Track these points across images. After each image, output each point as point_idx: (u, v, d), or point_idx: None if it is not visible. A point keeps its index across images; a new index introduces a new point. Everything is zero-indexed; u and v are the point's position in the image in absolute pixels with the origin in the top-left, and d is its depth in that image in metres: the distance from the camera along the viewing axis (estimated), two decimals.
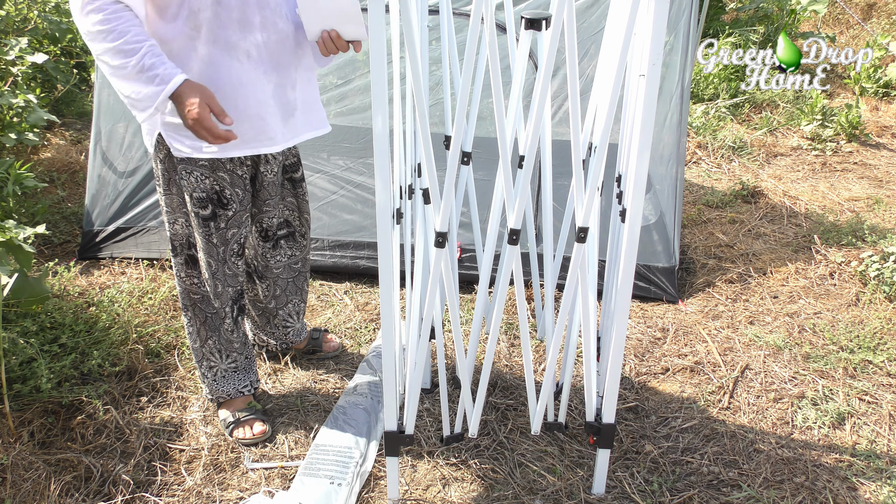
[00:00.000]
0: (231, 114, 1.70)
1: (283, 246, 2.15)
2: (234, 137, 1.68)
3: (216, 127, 1.64)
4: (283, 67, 1.82)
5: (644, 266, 2.84)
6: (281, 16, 1.77)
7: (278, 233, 2.12)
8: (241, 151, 1.82)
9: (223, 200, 1.88)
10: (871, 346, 2.51)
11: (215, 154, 1.80)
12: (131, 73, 1.58)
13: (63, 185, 3.51)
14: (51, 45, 4.08)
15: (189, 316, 2.05)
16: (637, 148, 1.51)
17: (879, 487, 1.95)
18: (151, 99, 1.59)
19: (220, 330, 2.06)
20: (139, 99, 1.60)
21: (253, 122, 1.80)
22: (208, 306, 2.02)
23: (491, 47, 1.50)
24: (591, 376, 1.82)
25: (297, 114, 1.89)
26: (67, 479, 1.89)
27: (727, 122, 4.65)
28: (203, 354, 2.08)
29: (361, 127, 3.11)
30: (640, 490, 1.94)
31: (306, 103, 1.92)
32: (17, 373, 2.11)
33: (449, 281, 1.67)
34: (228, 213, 1.90)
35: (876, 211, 3.60)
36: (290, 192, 2.09)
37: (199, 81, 1.69)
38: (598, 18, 2.96)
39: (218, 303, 2.01)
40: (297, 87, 1.87)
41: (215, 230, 1.90)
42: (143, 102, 1.61)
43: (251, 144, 1.83)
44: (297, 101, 1.88)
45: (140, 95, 1.60)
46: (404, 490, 1.94)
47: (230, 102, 1.74)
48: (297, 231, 2.16)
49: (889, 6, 6.62)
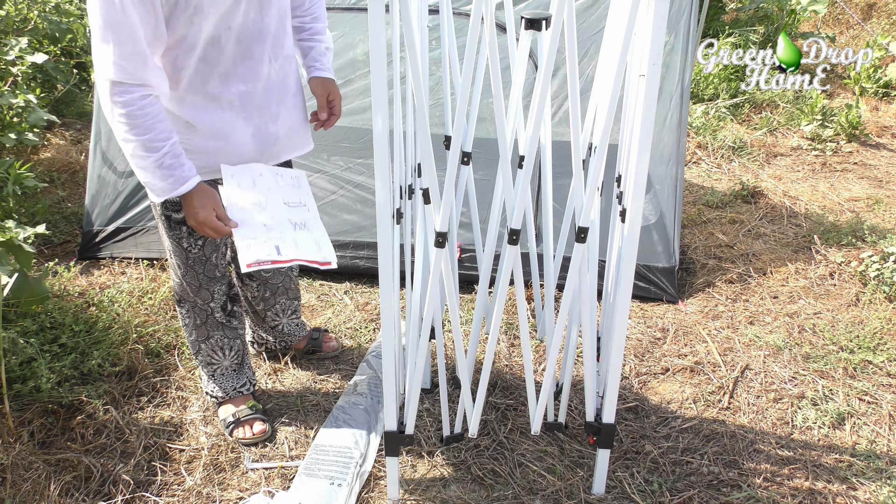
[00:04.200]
0: (208, 149, 1.76)
1: None
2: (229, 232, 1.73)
3: (221, 227, 1.71)
4: (266, 107, 1.83)
5: (644, 266, 2.84)
6: (265, 62, 1.77)
7: None
8: (216, 176, 1.83)
9: None
10: (871, 346, 2.51)
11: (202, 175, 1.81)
12: (150, 167, 1.62)
13: (63, 185, 3.51)
14: (51, 45, 4.08)
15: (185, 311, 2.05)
16: (637, 148, 1.51)
17: (879, 487, 1.95)
18: (164, 192, 1.66)
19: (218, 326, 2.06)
20: (153, 188, 1.66)
21: (230, 159, 1.82)
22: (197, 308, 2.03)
23: (491, 47, 1.50)
24: (591, 376, 1.82)
25: (279, 143, 1.91)
26: (67, 479, 1.89)
27: (727, 122, 4.65)
28: (200, 349, 2.08)
29: (361, 127, 3.11)
30: (640, 490, 1.94)
31: (290, 129, 1.92)
32: (17, 373, 2.11)
33: (449, 281, 1.67)
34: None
35: (876, 211, 3.60)
36: None
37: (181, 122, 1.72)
38: (598, 18, 2.96)
39: (200, 299, 2.01)
40: (280, 119, 1.87)
41: (188, 234, 1.89)
42: (156, 191, 1.67)
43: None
44: (280, 132, 1.89)
45: (155, 186, 1.66)
46: (404, 490, 1.94)
47: (209, 142, 1.77)
48: None
49: (889, 6, 6.62)
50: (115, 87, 1.53)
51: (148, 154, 1.60)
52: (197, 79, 1.68)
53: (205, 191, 1.70)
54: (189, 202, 1.69)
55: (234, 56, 1.70)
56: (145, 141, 1.58)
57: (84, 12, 4.52)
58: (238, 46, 1.69)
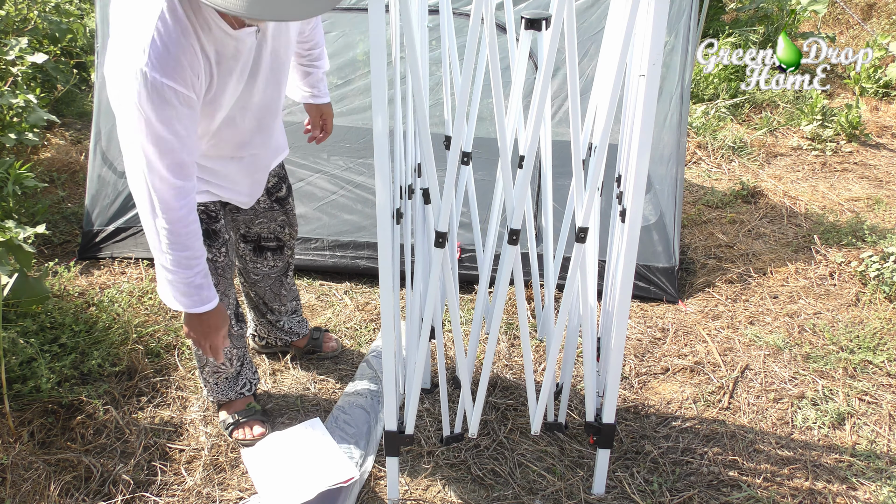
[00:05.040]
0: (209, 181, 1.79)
1: (267, 256, 2.16)
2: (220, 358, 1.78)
3: (220, 352, 1.74)
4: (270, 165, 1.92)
5: (644, 266, 2.84)
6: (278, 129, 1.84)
7: (265, 244, 2.13)
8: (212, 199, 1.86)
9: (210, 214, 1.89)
10: (871, 346, 2.51)
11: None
12: (177, 280, 1.59)
13: (63, 185, 3.50)
14: (51, 45, 4.08)
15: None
16: (637, 148, 1.51)
17: (879, 487, 1.95)
18: (183, 305, 1.63)
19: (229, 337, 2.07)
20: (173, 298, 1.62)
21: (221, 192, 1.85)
22: None
23: (491, 47, 1.50)
24: (591, 376, 1.82)
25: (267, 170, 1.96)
26: (67, 479, 1.89)
27: (727, 122, 4.65)
28: (208, 361, 2.08)
29: (361, 127, 3.11)
30: (640, 490, 1.94)
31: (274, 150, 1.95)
32: (17, 373, 2.11)
33: (449, 281, 1.67)
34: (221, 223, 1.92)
35: (876, 211, 3.60)
36: (279, 211, 2.10)
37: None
38: (598, 18, 2.96)
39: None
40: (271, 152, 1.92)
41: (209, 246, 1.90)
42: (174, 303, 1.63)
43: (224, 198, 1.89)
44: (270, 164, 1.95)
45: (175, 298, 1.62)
46: (404, 490, 1.94)
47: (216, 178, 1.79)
48: (286, 245, 2.18)
49: (889, 6, 6.62)
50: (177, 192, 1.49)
51: (182, 270, 1.57)
52: (213, 150, 1.72)
53: (222, 311, 1.69)
54: (202, 319, 1.66)
55: (252, 130, 1.73)
56: (183, 258, 1.55)
57: (84, 12, 4.52)
58: (255, 121, 1.72)
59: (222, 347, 1.74)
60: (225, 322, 1.71)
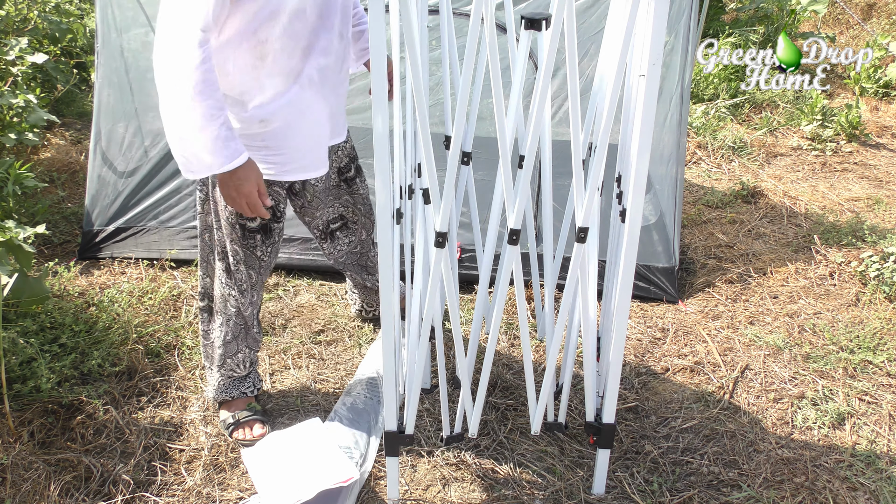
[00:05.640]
0: (291, 143, 1.76)
1: (338, 237, 2.21)
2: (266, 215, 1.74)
3: (259, 204, 1.70)
4: (336, 87, 1.86)
5: (644, 266, 2.84)
6: (339, 35, 1.78)
7: (332, 227, 2.18)
8: (296, 176, 1.86)
9: (276, 214, 1.91)
10: (871, 346, 2.51)
11: (273, 176, 1.83)
12: (206, 138, 1.57)
13: (63, 185, 3.51)
14: (51, 45, 4.08)
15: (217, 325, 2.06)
16: (637, 148, 1.51)
17: (879, 487, 1.95)
18: (214, 167, 1.61)
19: (250, 338, 2.09)
20: (201, 162, 1.60)
21: (311, 149, 1.84)
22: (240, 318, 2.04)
23: (491, 47, 1.50)
24: (591, 376, 1.82)
25: (343, 116, 1.95)
26: (67, 479, 1.89)
27: (727, 122, 4.65)
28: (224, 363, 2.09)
29: (361, 127, 3.11)
30: (640, 490, 1.94)
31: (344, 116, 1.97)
32: (17, 373, 2.11)
33: (449, 281, 1.67)
34: (281, 225, 1.95)
35: (876, 211, 3.60)
36: (345, 191, 2.13)
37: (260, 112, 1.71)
38: (598, 18, 2.96)
39: (249, 311, 2.04)
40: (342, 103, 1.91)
41: (261, 242, 1.92)
42: (203, 167, 1.61)
43: (308, 170, 1.88)
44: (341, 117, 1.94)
45: (203, 161, 1.60)
46: (404, 490, 1.94)
47: (291, 131, 1.76)
48: (351, 220, 2.21)
49: (889, 6, 6.62)
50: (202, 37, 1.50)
51: (208, 123, 1.55)
52: (283, 55, 1.67)
53: (253, 164, 1.67)
54: (234, 174, 1.64)
55: (317, 28, 1.69)
56: (207, 107, 1.54)
57: (84, 12, 4.52)
58: (319, 19, 1.69)
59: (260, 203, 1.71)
60: (258, 174, 1.68)
